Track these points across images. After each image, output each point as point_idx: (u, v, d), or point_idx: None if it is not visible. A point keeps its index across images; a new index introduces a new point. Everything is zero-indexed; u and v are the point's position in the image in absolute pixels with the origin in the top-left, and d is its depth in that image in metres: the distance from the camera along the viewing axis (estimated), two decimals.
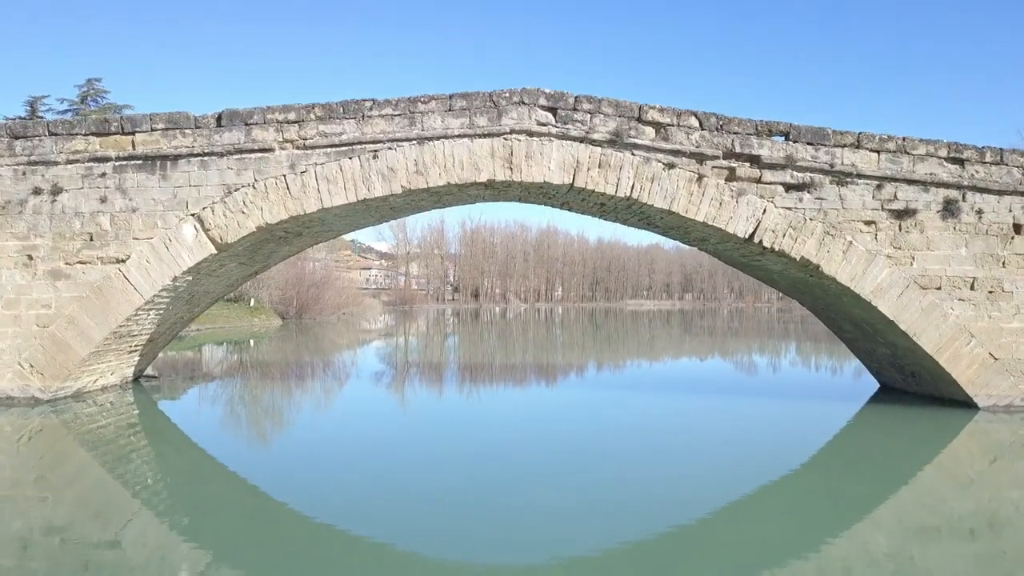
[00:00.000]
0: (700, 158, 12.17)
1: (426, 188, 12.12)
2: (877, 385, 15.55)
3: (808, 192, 12.26)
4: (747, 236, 12.15)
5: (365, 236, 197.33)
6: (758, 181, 12.24)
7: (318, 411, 14.03)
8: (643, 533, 6.37)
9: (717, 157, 12.17)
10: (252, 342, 31.91)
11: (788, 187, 12.28)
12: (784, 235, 12.14)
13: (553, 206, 14.69)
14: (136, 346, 13.69)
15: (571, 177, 12.08)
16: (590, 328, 51.73)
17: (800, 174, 12.24)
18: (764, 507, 7.40)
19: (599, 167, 12.08)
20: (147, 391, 14.82)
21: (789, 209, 12.22)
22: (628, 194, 12.09)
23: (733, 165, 12.21)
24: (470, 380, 19.27)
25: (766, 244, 12.14)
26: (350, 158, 12.08)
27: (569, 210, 14.82)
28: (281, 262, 16.67)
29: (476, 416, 13.35)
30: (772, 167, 12.21)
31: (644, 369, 22.28)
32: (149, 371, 16.05)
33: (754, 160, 12.21)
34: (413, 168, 12.04)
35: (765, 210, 12.16)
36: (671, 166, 12.12)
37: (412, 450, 10.01)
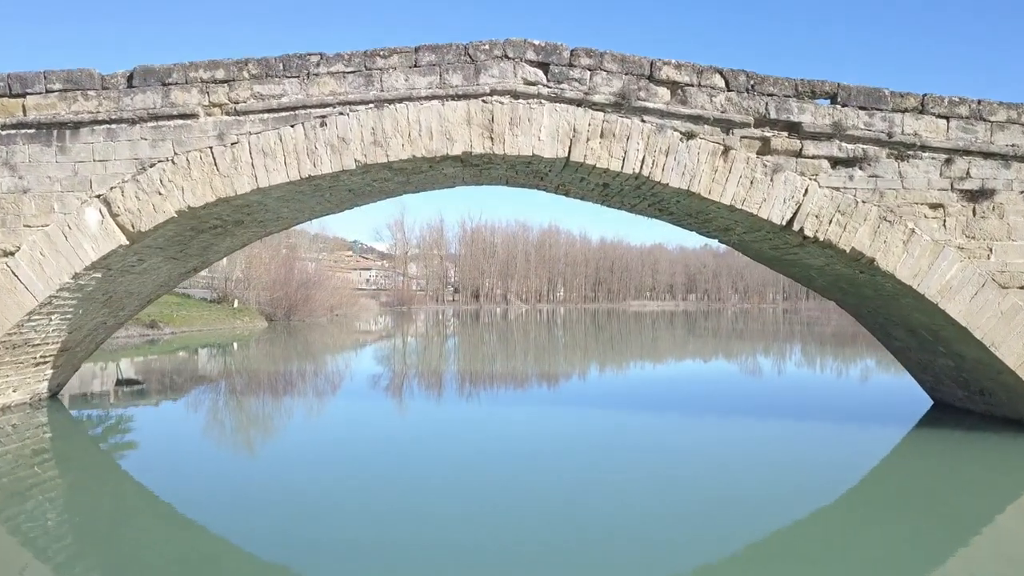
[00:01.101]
0: (726, 126, 9.83)
1: (387, 163, 9.80)
2: (930, 402, 13.17)
3: (860, 168, 9.91)
4: (784, 223, 9.81)
5: (366, 236, 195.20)
6: (798, 155, 9.89)
7: (284, 430, 11.76)
8: None
9: (747, 125, 9.83)
10: (229, 346, 29.60)
11: (835, 162, 9.93)
12: (830, 221, 9.79)
13: (546, 190, 12.35)
14: (43, 357, 11.36)
15: (566, 149, 9.74)
16: (592, 330, 49.50)
17: (850, 146, 9.89)
18: (791, 551, 6.01)
19: (601, 137, 9.74)
20: (65, 409, 12.50)
21: (836, 189, 9.87)
22: (637, 171, 9.75)
23: (767, 135, 9.86)
24: (464, 390, 16.96)
25: (808, 232, 9.79)
26: (292, 126, 9.76)
27: (566, 194, 12.47)
28: (224, 256, 14.22)
29: (469, 434, 11.17)
30: (815, 137, 9.86)
31: (652, 378, 19.89)
32: (133, 375, 13.91)
33: (793, 128, 9.86)
34: (370, 138, 9.70)
35: (807, 190, 9.81)
36: (690, 136, 9.77)
37: (390, 480, 8.04)
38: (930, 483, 8.40)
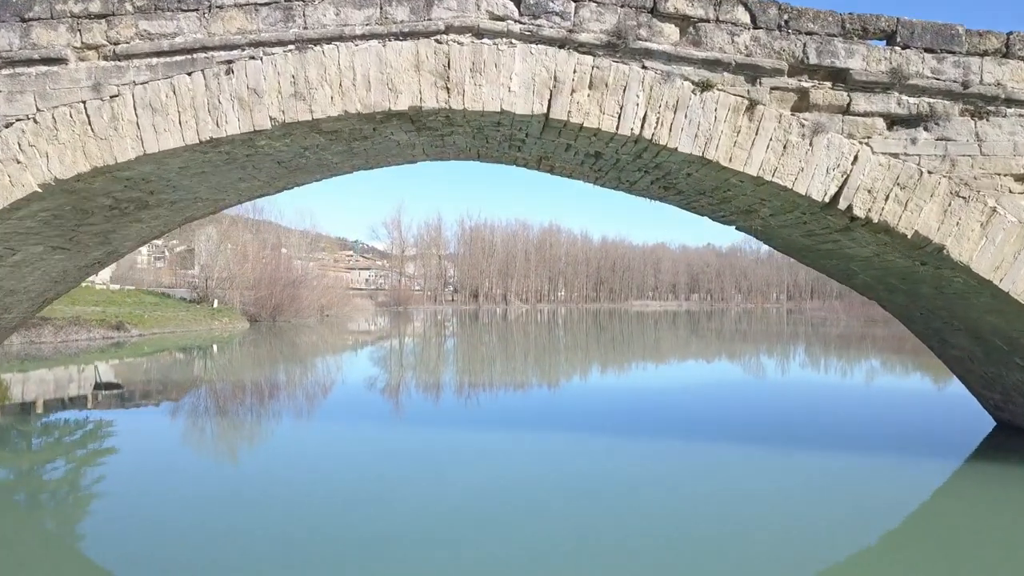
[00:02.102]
0: (752, 74, 7.59)
1: (312, 122, 7.57)
2: (992, 423, 10.94)
3: (925, 129, 7.67)
4: (827, 199, 7.57)
5: (362, 235, 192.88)
6: (845, 111, 7.65)
7: (236, 455, 9.72)
8: None
9: (779, 72, 7.59)
10: (203, 350, 27.39)
11: (893, 121, 7.69)
12: (886, 197, 7.54)
13: (527, 165, 10.12)
14: None
15: (545, 104, 7.50)
16: (595, 331, 47.30)
17: (913, 100, 7.65)
18: None
19: (590, 88, 7.50)
20: None
21: (895, 156, 7.63)
22: (636, 132, 7.51)
23: (805, 85, 7.62)
24: (458, 402, 14.80)
25: (857, 212, 7.56)
26: (190, 74, 7.53)
27: (551, 171, 10.23)
28: (134, 245, 11.98)
29: (462, 457, 9.37)
30: (868, 88, 7.62)
31: (660, 391, 17.60)
32: (112, 379, 12.10)
33: (839, 77, 7.63)
34: (290, 89, 7.47)
35: (856, 157, 7.57)
36: (706, 86, 7.53)
37: (366, 506, 6.96)
38: (992, 523, 6.79)
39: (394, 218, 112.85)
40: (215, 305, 40.85)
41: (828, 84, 7.63)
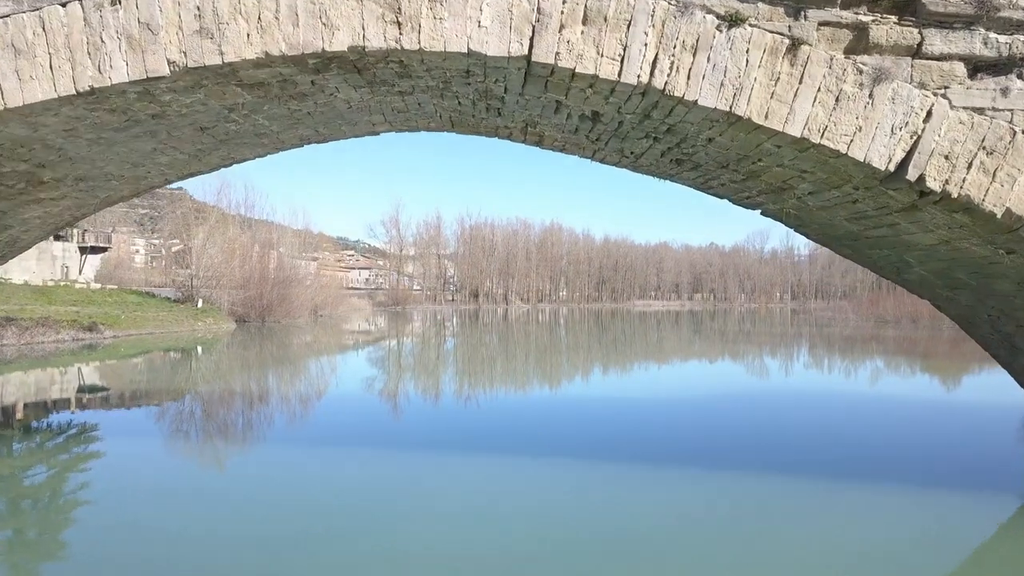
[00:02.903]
0: (795, 5, 5.87)
1: (224, 67, 5.84)
2: None
3: (1020, 76, 5.93)
4: (891, 168, 5.84)
5: (360, 234, 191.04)
6: (915, 54, 5.92)
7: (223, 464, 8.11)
8: None
9: (831, 2, 5.86)
10: (181, 352, 25.72)
11: (978, 66, 5.96)
12: (970, 165, 5.81)
13: (510, 136, 8.38)
14: None
15: (526, 43, 5.77)
16: (597, 331, 45.56)
17: (1004, 38, 5.91)
18: None
19: (584, 22, 5.77)
20: None
21: (980, 112, 5.89)
22: (644, 81, 5.78)
23: (863, 19, 5.89)
24: (451, 408, 13.13)
25: (931, 184, 5.82)
26: (64, 4, 5.82)
27: (539, 142, 8.49)
28: (42, 229, 10.27)
29: (450, 473, 8.12)
30: (945, 23, 5.89)
31: (670, 401, 15.86)
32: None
33: (906, 8, 5.90)
34: (194, 24, 5.75)
35: (930, 113, 5.83)
36: (735, 21, 5.80)
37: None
38: None
39: (392, 216, 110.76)
40: (200, 305, 39.11)
41: (893, 18, 5.90)
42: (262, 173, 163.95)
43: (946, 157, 5.81)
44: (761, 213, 8.78)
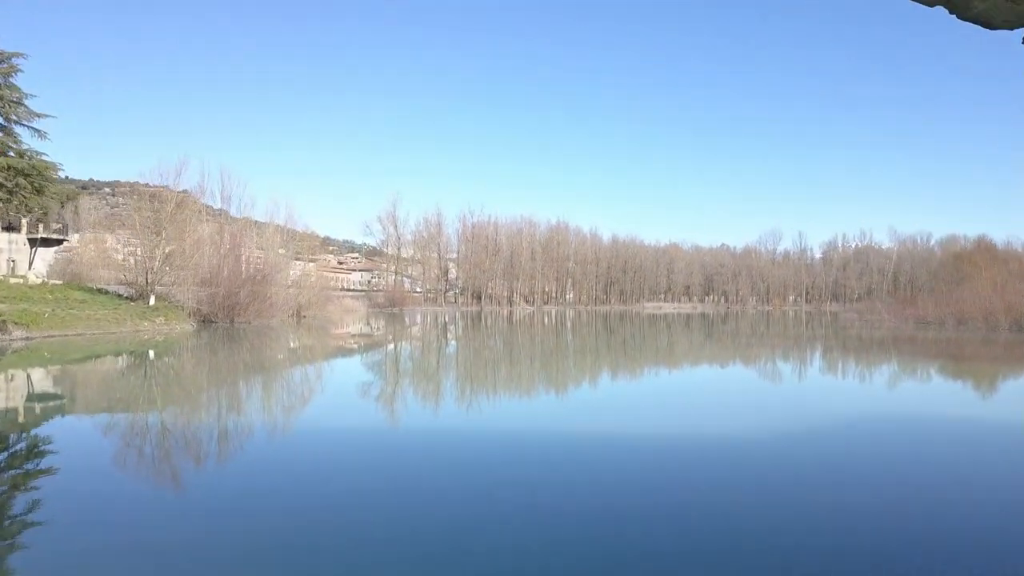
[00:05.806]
0: None
1: None
2: None
3: None
4: None
5: (356, 233, 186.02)
6: None
7: None
8: None
9: None
10: (92, 362, 20.56)
11: None
12: None
13: None
14: None
15: None
16: (604, 334, 40.29)
17: None
18: None
19: None
20: None
21: None
22: None
23: None
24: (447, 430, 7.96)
25: None
26: None
27: None
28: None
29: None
30: None
31: (690, 422, 10.55)
32: None
33: None
34: None
35: None
36: None
37: None
38: None
39: (389, 212, 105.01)
40: (151, 302, 33.98)
41: None
42: (263, 174, 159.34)
43: None
44: (976, 19, 3.63)
